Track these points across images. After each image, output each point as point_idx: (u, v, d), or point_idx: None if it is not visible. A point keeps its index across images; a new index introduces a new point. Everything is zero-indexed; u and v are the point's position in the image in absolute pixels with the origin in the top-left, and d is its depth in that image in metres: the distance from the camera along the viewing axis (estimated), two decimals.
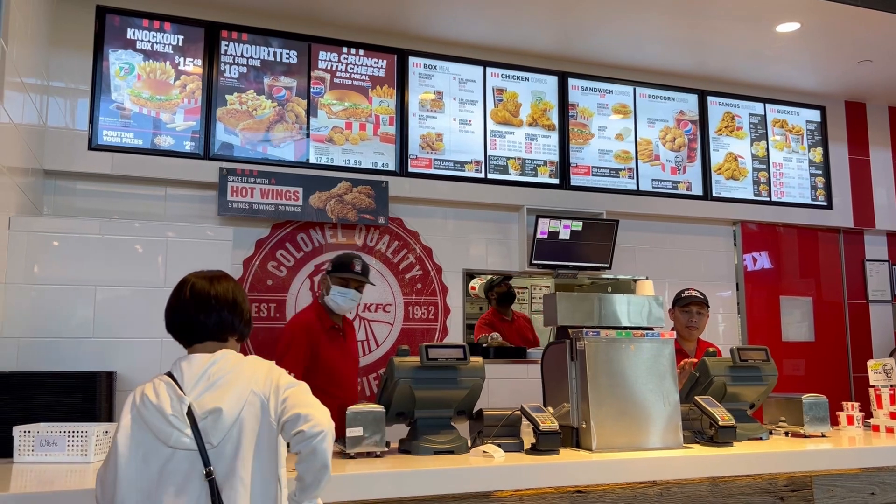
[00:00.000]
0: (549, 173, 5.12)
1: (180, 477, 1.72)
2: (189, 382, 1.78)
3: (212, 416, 1.73)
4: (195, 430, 1.73)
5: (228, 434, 1.75)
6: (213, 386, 1.77)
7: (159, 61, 4.32)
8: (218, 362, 1.82)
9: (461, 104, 4.97)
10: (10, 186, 3.13)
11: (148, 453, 1.74)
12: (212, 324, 1.88)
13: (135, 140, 4.22)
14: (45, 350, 3.08)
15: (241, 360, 1.85)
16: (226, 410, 1.74)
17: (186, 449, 1.73)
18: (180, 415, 1.73)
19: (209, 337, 1.89)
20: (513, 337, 5.11)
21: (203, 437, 1.73)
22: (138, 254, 3.33)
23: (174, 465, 1.73)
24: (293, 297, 4.53)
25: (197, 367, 1.81)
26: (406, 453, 2.75)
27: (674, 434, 2.88)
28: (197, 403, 1.75)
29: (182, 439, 1.73)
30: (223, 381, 1.78)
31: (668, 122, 5.53)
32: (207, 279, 1.94)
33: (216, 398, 1.75)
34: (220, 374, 1.80)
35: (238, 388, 1.78)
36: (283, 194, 4.42)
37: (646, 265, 5.40)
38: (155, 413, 1.74)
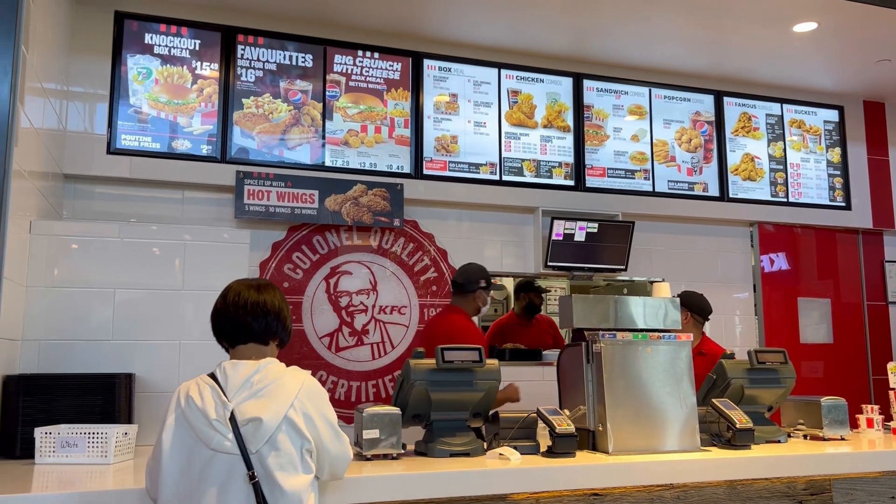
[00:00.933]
0: (564, 175, 5.11)
1: (220, 479, 1.78)
2: (233, 388, 1.85)
3: (252, 424, 1.80)
4: (237, 435, 1.79)
5: (268, 442, 1.80)
6: (256, 395, 1.84)
7: (176, 66, 4.36)
8: (262, 370, 1.89)
9: (476, 106, 4.97)
10: (32, 190, 3.17)
11: (191, 453, 1.81)
12: (259, 328, 1.98)
13: (153, 144, 4.26)
14: (66, 352, 3.12)
15: (284, 372, 1.92)
16: (266, 421, 1.80)
17: (227, 453, 1.79)
18: (223, 419, 1.80)
19: (253, 339, 1.98)
20: (530, 342, 5.08)
21: (245, 442, 1.79)
22: (156, 257, 3.36)
23: (215, 466, 1.79)
24: (309, 300, 4.55)
25: (241, 374, 1.88)
26: (422, 455, 2.75)
27: (691, 437, 2.87)
28: (238, 410, 1.81)
29: (224, 443, 1.79)
30: (265, 392, 1.85)
31: (684, 122, 5.50)
32: (255, 288, 2.03)
33: (258, 408, 1.81)
34: (262, 383, 1.86)
35: (279, 401, 1.84)
36: (298, 197, 4.45)
37: (662, 267, 5.38)
38: (199, 415, 1.81)
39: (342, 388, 4.56)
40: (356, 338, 4.64)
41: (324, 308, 4.58)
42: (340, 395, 4.55)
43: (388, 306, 4.73)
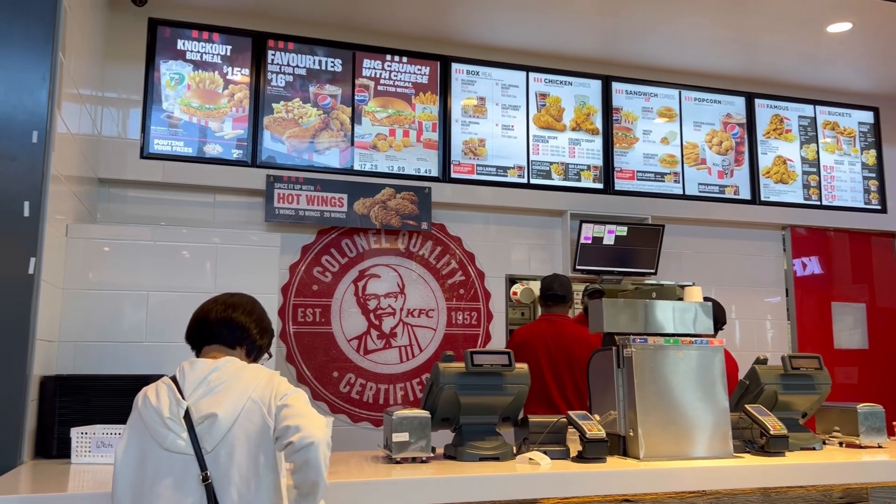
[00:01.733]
0: (592, 178, 5.08)
1: (174, 479, 1.72)
2: (190, 386, 1.80)
3: (207, 422, 1.74)
4: (192, 434, 1.74)
5: (223, 440, 1.74)
6: (212, 391, 1.79)
7: (208, 71, 4.42)
8: (220, 368, 1.84)
9: (504, 109, 4.97)
10: (68, 195, 3.23)
11: (145, 454, 1.75)
12: (222, 326, 1.96)
13: (184, 148, 4.32)
14: (100, 354, 3.17)
15: (243, 368, 1.86)
16: (221, 416, 1.74)
17: (181, 453, 1.73)
18: (177, 418, 1.75)
19: (217, 341, 1.96)
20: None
21: (199, 441, 1.73)
22: (188, 259, 3.40)
23: (168, 467, 1.73)
24: (338, 303, 4.58)
25: (199, 372, 1.83)
26: (451, 459, 2.75)
27: (723, 443, 2.83)
28: (195, 408, 1.76)
29: (177, 442, 1.74)
30: (222, 388, 1.79)
31: (715, 125, 5.45)
32: (229, 294, 2.06)
33: (213, 404, 1.76)
34: (219, 380, 1.81)
35: (235, 395, 1.78)
36: (328, 201, 4.48)
37: (691, 271, 5.32)
38: (153, 415, 1.76)
39: (370, 391, 4.58)
40: (384, 340, 4.65)
41: (352, 311, 4.61)
42: (368, 397, 4.57)
43: (416, 309, 4.74)
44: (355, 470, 2.51)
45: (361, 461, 2.70)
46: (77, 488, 2.26)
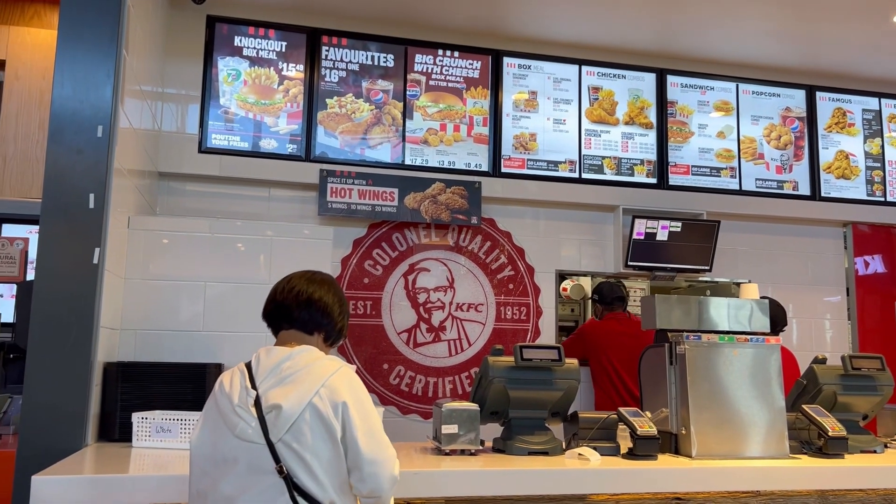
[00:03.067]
0: (646, 173, 5.01)
1: (246, 467, 1.70)
2: (262, 374, 1.78)
3: (274, 412, 1.71)
4: (262, 424, 1.70)
5: (289, 431, 1.70)
6: (282, 381, 1.75)
7: (264, 67, 4.50)
8: (293, 358, 1.80)
9: (555, 103, 4.93)
10: (130, 188, 3.34)
11: (217, 440, 1.75)
12: (302, 317, 1.90)
13: (241, 143, 4.42)
14: (160, 342, 3.27)
15: (315, 360, 1.81)
16: (285, 409, 1.70)
17: (251, 441, 1.70)
18: (246, 406, 1.72)
19: (295, 325, 1.91)
20: None
21: (268, 431, 1.70)
22: (243, 252, 3.48)
23: (239, 455, 1.71)
24: (388, 296, 4.62)
25: (272, 360, 1.80)
26: (500, 452, 2.76)
27: (779, 443, 2.77)
28: (264, 397, 1.73)
29: (247, 430, 1.71)
30: (292, 379, 1.75)
31: (774, 119, 5.31)
32: (308, 279, 1.97)
33: (280, 395, 1.72)
34: (291, 370, 1.77)
35: (303, 388, 1.73)
36: (379, 195, 4.52)
37: (747, 268, 5.20)
38: (225, 401, 1.76)
39: (419, 384, 4.61)
40: (433, 334, 4.68)
41: (402, 304, 4.65)
42: (418, 390, 4.60)
43: (465, 304, 4.75)
44: (405, 460, 2.53)
45: (411, 452, 2.72)
46: (138, 470, 2.34)
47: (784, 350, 4.02)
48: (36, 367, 2.67)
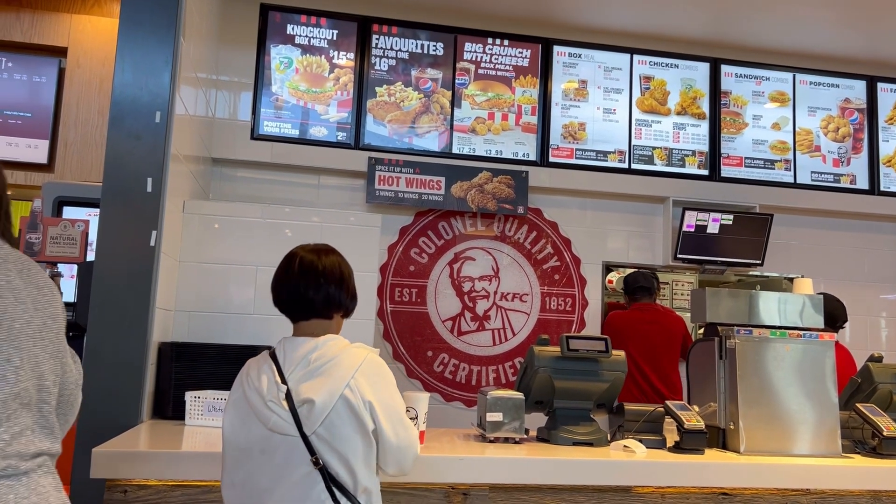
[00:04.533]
0: (697, 164, 4.93)
1: (281, 459, 1.71)
2: (290, 366, 1.76)
3: (306, 406, 1.71)
4: (295, 417, 1.70)
5: (323, 424, 1.70)
6: (312, 374, 1.74)
7: (315, 55, 4.55)
8: (320, 348, 1.78)
9: (606, 92, 4.88)
10: (185, 173, 3.42)
11: (250, 432, 1.75)
12: (319, 300, 1.84)
13: (291, 130, 4.48)
14: (212, 324, 3.34)
15: (342, 350, 1.79)
16: (318, 403, 1.69)
17: (286, 434, 1.71)
18: (278, 400, 1.72)
19: (315, 314, 1.85)
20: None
21: (301, 424, 1.70)
22: (292, 238, 3.53)
23: (274, 446, 1.72)
24: (433, 284, 4.65)
25: (299, 351, 1.78)
26: (544, 442, 2.76)
27: (831, 442, 2.71)
28: (295, 390, 1.72)
29: (281, 423, 1.71)
30: (321, 371, 1.74)
31: (832, 110, 5.16)
32: (315, 252, 1.90)
33: (311, 388, 1.71)
34: (319, 361, 1.75)
35: (333, 381, 1.72)
36: (426, 183, 4.54)
37: (800, 263, 5.08)
38: (255, 395, 1.75)
39: (463, 372, 4.63)
40: (478, 323, 4.69)
41: (447, 292, 4.67)
42: (461, 377, 4.63)
43: (510, 293, 4.75)
44: (448, 446, 2.56)
45: (455, 438, 2.74)
46: (190, 447, 2.41)
47: (841, 347, 3.94)
48: (95, 344, 2.77)
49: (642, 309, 4.46)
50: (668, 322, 4.44)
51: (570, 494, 2.37)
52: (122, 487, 2.16)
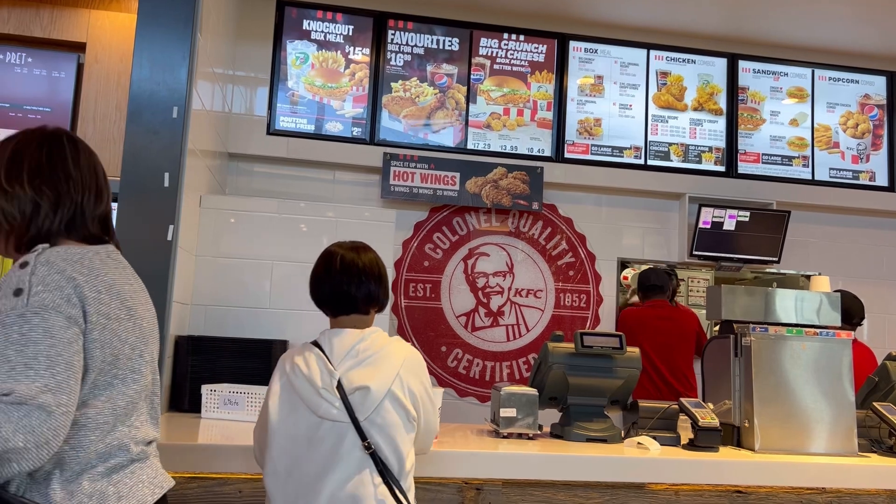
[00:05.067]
0: (714, 160, 4.89)
1: (329, 446, 1.77)
2: (337, 356, 1.83)
3: (360, 393, 1.78)
4: (346, 404, 1.77)
5: (376, 410, 1.78)
6: (362, 363, 1.82)
7: (331, 51, 4.56)
8: (366, 339, 1.86)
9: (622, 88, 4.86)
10: (202, 168, 3.44)
11: (298, 420, 1.80)
12: (361, 296, 1.91)
13: (307, 126, 4.50)
14: (228, 318, 3.37)
15: (388, 342, 1.89)
16: (374, 389, 1.78)
17: (335, 420, 1.77)
18: (330, 388, 1.78)
19: (356, 310, 1.92)
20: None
21: (353, 410, 1.77)
22: (307, 233, 3.55)
23: (323, 433, 1.77)
24: (447, 279, 4.65)
25: (346, 343, 1.85)
26: (558, 438, 2.76)
27: (847, 441, 2.69)
28: (346, 378, 1.79)
29: (331, 411, 1.77)
30: (371, 360, 1.82)
31: (851, 106, 5.10)
32: (354, 250, 1.96)
33: (365, 376, 1.80)
34: (368, 352, 1.84)
35: (385, 369, 1.82)
36: (441, 179, 4.55)
37: (817, 260, 5.04)
38: (305, 383, 1.80)
39: (477, 367, 4.64)
40: (491, 318, 4.69)
41: (461, 288, 4.67)
42: (475, 373, 4.63)
43: (524, 289, 4.74)
44: (461, 441, 2.56)
45: (468, 433, 2.75)
46: (206, 440, 2.43)
47: (861, 346, 3.91)
48: None
49: (655, 306, 4.45)
50: (682, 318, 4.42)
51: (583, 491, 2.37)
52: None
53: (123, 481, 1.45)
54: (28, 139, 1.55)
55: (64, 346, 1.36)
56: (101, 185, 1.61)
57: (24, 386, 1.30)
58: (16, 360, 1.31)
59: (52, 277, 1.39)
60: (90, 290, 1.44)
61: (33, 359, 1.32)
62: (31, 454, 1.28)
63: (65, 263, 1.43)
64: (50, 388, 1.31)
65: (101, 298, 1.45)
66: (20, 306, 1.35)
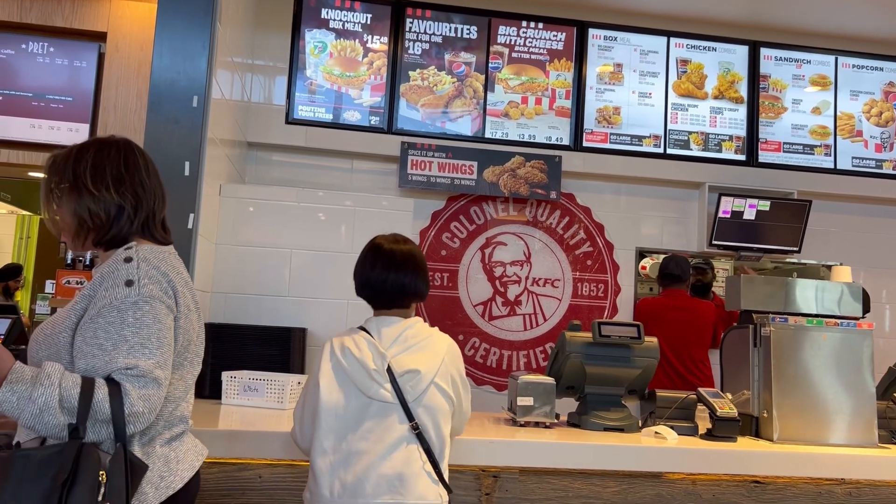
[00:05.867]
0: (734, 149, 4.85)
1: (378, 426, 1.87)
2: (386, 342, 1.94)
3: (409, 375, 1.89)
4: (395, 386, 1.87)
5: (424, 393, 1.89)
6: (410, 349, 1.93)
7: (349, 39, 4.56)
8: (413, 327, 1.98)
9: (641, 76, 4.82)
10: (222, 157, 3.47)
11: (347, 400, 1.89)
12: (408, 289, 2.02)
13: (325, 115, 4.51)
14: (248, 306, 3.40)
15: (432, 332, 2.02)
16: (423, 372, 1.90)
17: (384, 401, 1.87)
18: (381, 370, 1.89)
19: (396, 305, 2.03)
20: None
21: (402, 392, 1.88)
22: (325, 222, 3.57)
23: (371, 414, 1.88)
24: (465, 268, 4.66)
25: (394, 330, 1.96)
26: (575, 427, 2.76)
27: (867, 432, 2.67)
28: (395, 361, 1.90)
29: (381, 392, 1.88)
30: (418, 346, 1.94)
31: (875, 94, 5.03)
32: (396, 243, 2.07)
33: (414, 360, 1.91)
34: (416, 339, 1.96)
35: (431, 355, 1.94)
36: (458, 168, 4.54)
37: (838, 250, 4.99)
38: (357, 365, 1.90)
39: (494, 356, 4.65)
40: (509, 308, 4.70)
41: (478, 277, 4.68)
42: (492, 362, 4.64)
43: (542, 279, 4.74)
44: (479, 429, 2.57)
45: (485, 422, 2.76)
46: (227, 426, 2.46)
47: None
48: None
49: (672, 296, 4.42)
50: (698, 309, 4.39)
51: (599, 479, 2.38)
52: None
53: (180, 447, 1.69)
54: (104, 147, 1.75)
55: (167, 330, 1.62)
56: (164, 191, 1.83)
57: (143, 362, 1.55)
58: (133, 340, 1.56)
59: (152, 272, 1.64)
60: (178, 284, 1.68)
61: (147, 339, 1.57)
62: (145, 417, 1.55)
63: (157, 261, 1.67)
64: (160, 365, 1.58)
65: (184, 292, 1.70)
66: (133, 295, 1.58)
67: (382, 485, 1.82)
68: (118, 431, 1.52)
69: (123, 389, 1.52)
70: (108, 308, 1.57)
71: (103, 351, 1.55)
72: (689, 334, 4.31)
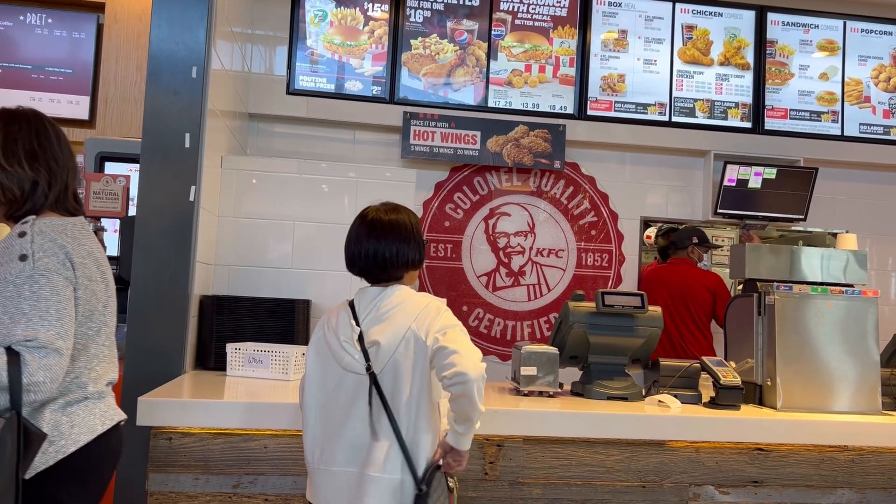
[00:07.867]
0: (740, 116, 4.79)
1: (350, 395, 1.89)
2: (362, 312, 1.94)
3: (374, 347, 1.88)
4: (365, 356, 1.88)
5: (388, 364, 1.87)
6: (379, 319, 1.91)
7: (350, 7, 4.50)
8: (388, 296, 1.93)
9: (646, 43, 4.75)
10: (222, 128, 3.44)
11: (327, 370, 1.93)
12: (390, 260, 1.94)
13: (326, 85, 4.47)
14: (251, 277, 3.40)
15: (408, 297, 1.94)
16: (383, 344, 1.87)
17: (356, 372, 1.88)
18: (352, 341, 1.90)
19: (383, 277, 1.97)
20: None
21: (371, 363, 1.87)
22: (328, 193, 3.55)
23: (346, 384, 1.90)
24: (468, 239, 4.65)
25: (369, 298, 1.95)
26: (578, 396, 2.77)
27: (871, 399, 2.67)
28: (367, 333, 1.90)
29: (352, 362, 1.89)
30: (387, 316, 1.90)
31: (883, 59, 4.95)
32: (380, 213, 2.02)
33: (378, 332, 1.89)
34: (386, 308, 1.92)
35: (397, 324, 1.89)
36: (461, 138, 4.51)
37: (845, 218, 4.95)
38: (333, 336, 1.93)
39: (498, 327, 4.66)
40: (513, 278, 4.69)
41: (482, 248, 4.67)
42: (496, 332, 4.65)
43: (546, 249, 4.73)
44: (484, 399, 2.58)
45: (489, 391, 2.77)
46: (232, 397, 2.48)
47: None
48: (139, 298, 2.84)
49: (673, 264, 4.47)
50: (698, 277, 4.42)
51: (603, 448, 2.39)
52: (167, 434, 2.24)
53: (77, 412, 1.74)
54: (14, 121, 1.75)
55: (66, 301, 1.66)
56: (75, 164, 1.85)
57: (42, 333, 1.59)
58: (31, 313, 1.61)
59: (48, 245, 1.67)
60: (76, 256, 1.71)
61: (45, 311, 1.62)
62: (46, 387, 1.60)
63: (55, 234, 1.70)
64: (61, 336, 1.63)
65: (84, 263, 1.73)
66: (28, 269, 1.63)
67: (350, 454, 1.86)
68: (14, 399, 1.56)
69: (22, 359, 1.57)
70: (3, 283, 1.62)
71: (1, 325, 1.59)
72: (689, 301, 4.36)
